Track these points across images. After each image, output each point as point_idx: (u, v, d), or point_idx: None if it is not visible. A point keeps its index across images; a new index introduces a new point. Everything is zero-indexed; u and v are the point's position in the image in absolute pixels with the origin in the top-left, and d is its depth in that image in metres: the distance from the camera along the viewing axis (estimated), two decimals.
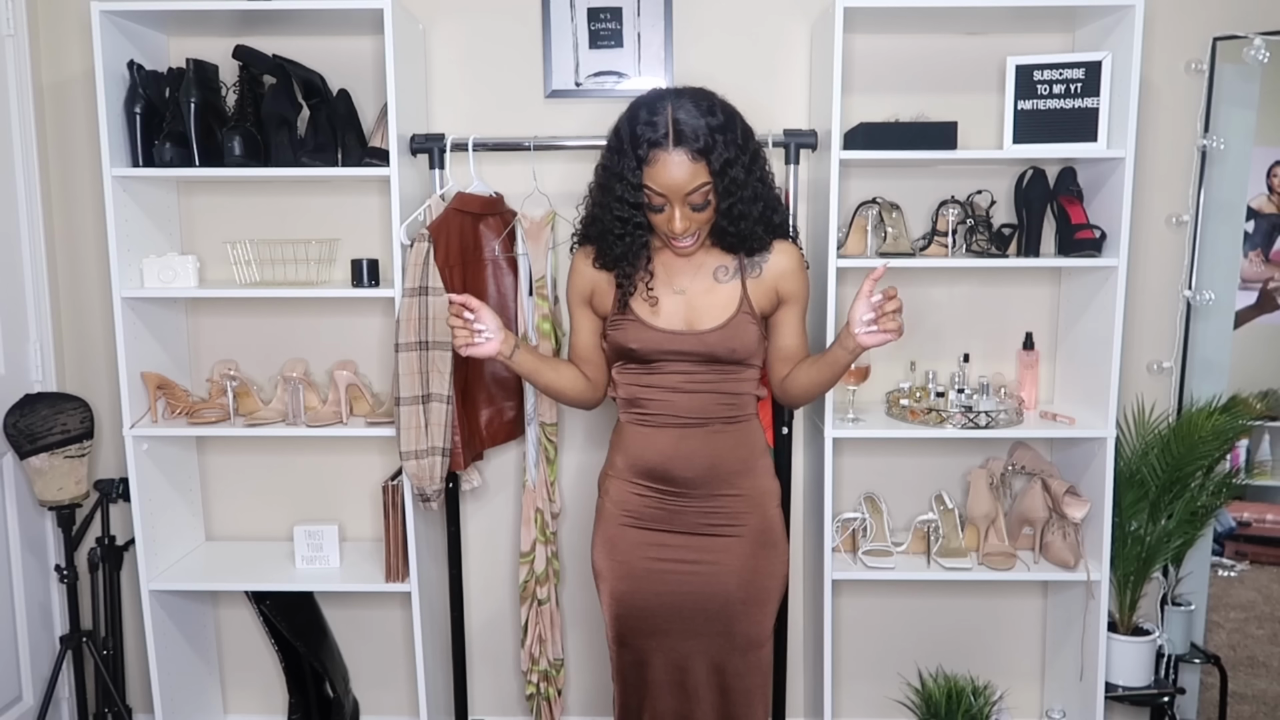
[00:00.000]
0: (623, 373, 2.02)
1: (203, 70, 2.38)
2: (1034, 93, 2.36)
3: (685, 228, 1.84)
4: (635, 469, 2.01)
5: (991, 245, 2.45)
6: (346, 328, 2.66)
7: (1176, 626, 2.61)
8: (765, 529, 2.01)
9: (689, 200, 1.82)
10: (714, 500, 1.99)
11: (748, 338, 1.93)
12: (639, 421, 2.01)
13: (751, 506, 2.00)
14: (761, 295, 1.96)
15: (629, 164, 1.82)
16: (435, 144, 2.38)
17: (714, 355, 1.93)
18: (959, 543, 2.51)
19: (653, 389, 1.97)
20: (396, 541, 2.44)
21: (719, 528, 1.99)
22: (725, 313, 1.93)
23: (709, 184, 1.81)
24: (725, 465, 1.98)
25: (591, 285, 2.02)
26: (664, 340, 1.94)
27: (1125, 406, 2.57)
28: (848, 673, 2.78)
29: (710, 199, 1.84)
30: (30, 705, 2.61)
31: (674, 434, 1.97)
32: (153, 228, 2.50)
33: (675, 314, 1.95)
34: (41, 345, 2.62)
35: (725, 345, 1.92)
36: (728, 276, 1.96)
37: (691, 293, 1.97)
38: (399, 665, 2.82)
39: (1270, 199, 2.61)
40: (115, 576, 2.62)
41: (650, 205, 1.84)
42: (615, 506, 2.04)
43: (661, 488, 2.00)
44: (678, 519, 2.00)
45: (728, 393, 1.96)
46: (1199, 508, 2.50)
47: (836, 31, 2.22)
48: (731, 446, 1.98)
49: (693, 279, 1.97)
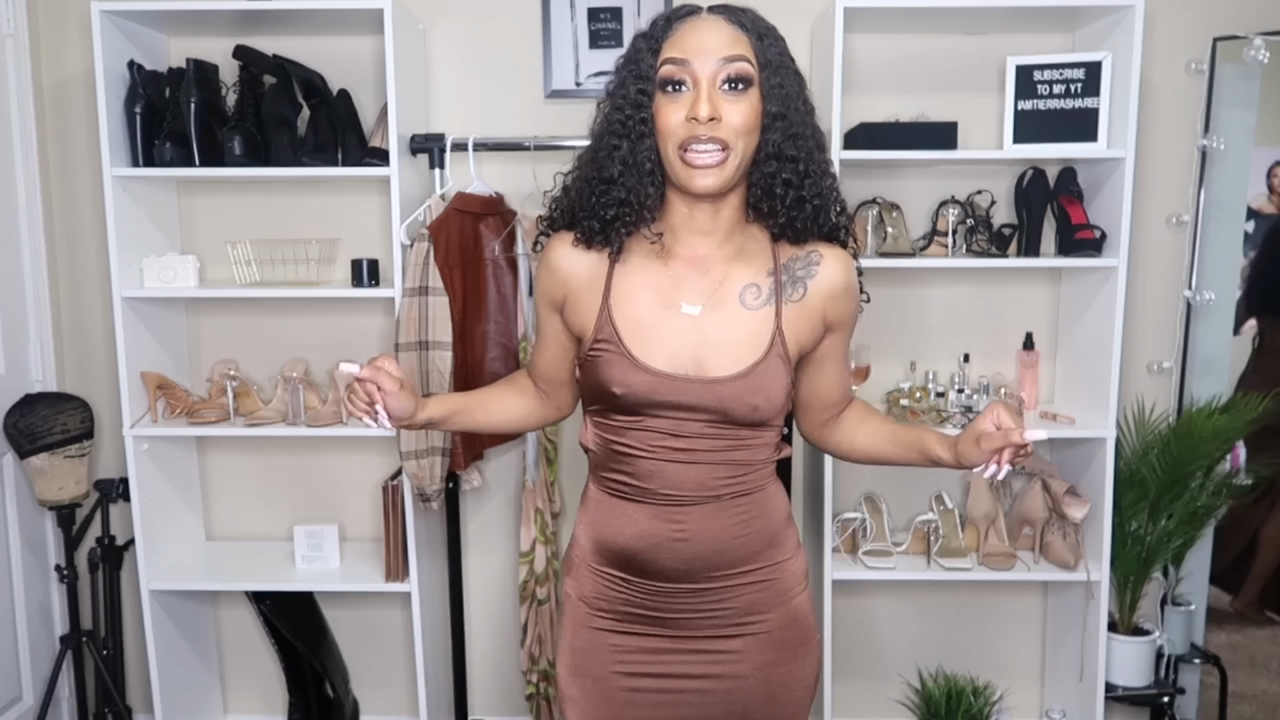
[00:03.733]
0: (597, 422, 1.44)
1: (203, 70, 2.38)
2: (1034, 93, 2.36)
3: (712, 112, 1.27)
4: (604, 555, 1.46)
5: (991, 245, 2.45)
6: (346, 328, 2.66)
7: (1176, 626, 2.61)
8: (792, 622, 1.47)
9: (724, 73, 1.29)
10: (719, 592, 1.44)
11: (775, 391, 1.37)
12: (613, 492, 1.44)
13: (773, 596, 1.46)
14: (803, 326, 1.40)
15: (644, 57, 1.33)
16: (435, 144, 2.38)
17: (728, 414, 1.36)
18: (959, 543, 2.51)
19: (636, 451, 1.40)
20: (396, 541, 2.44)
21: (728, 627, 1.45)
22: (751, 354, 1.36)
23: (753, 65, 1.30)
24: (733, 551, 1.43)
25: (565, 284, 1.45)
26: (660, 387, 1.36)
27: (1125, 406, 2.57)
28: (848, 673, 2.78)
29: (754, 94, 1.30)
30: (30, 705, 2.61)
31: (659, 513, 1.41)
32: (153, 228, 2.50)
33: (681, 349, 1.37)
34: (41, 345, 2.62)
35: (746, 401, 1.35)
36: (759, 301, 1.38)
37: (706, 317, 1.38)
38: (399, 665, 2.82)
39: (1270, 199, 2.61)
40: (115, 576, 2.62)
41: (669, 85, 1.30)
42: (583, 603, 1.49)
43: (641, 581, 1.45)
44: (669, 617, 1.45)
45: (739, 463, 1.41)
46: (1199, 508, 2.50)
47: (837, 31, 2.22)
48: (741, 526, 1.43)
49: (711, 295, 1.39)
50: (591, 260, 1.43)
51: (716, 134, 1.28)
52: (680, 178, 1.32)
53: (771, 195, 1.35)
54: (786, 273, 1.40)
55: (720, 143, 1.29)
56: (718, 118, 1.28)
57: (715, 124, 1.28)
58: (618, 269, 1.42)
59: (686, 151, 1.29)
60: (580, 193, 1.40)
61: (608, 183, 1.36)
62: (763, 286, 1.39)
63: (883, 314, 2.62)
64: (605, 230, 1.39)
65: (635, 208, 1.36)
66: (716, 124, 1.28)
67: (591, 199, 1.38)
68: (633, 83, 1.33)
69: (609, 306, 1.40)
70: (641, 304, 1.39)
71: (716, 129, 1.28)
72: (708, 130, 1.28)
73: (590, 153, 1.41)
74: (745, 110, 1.30)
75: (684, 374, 1.36)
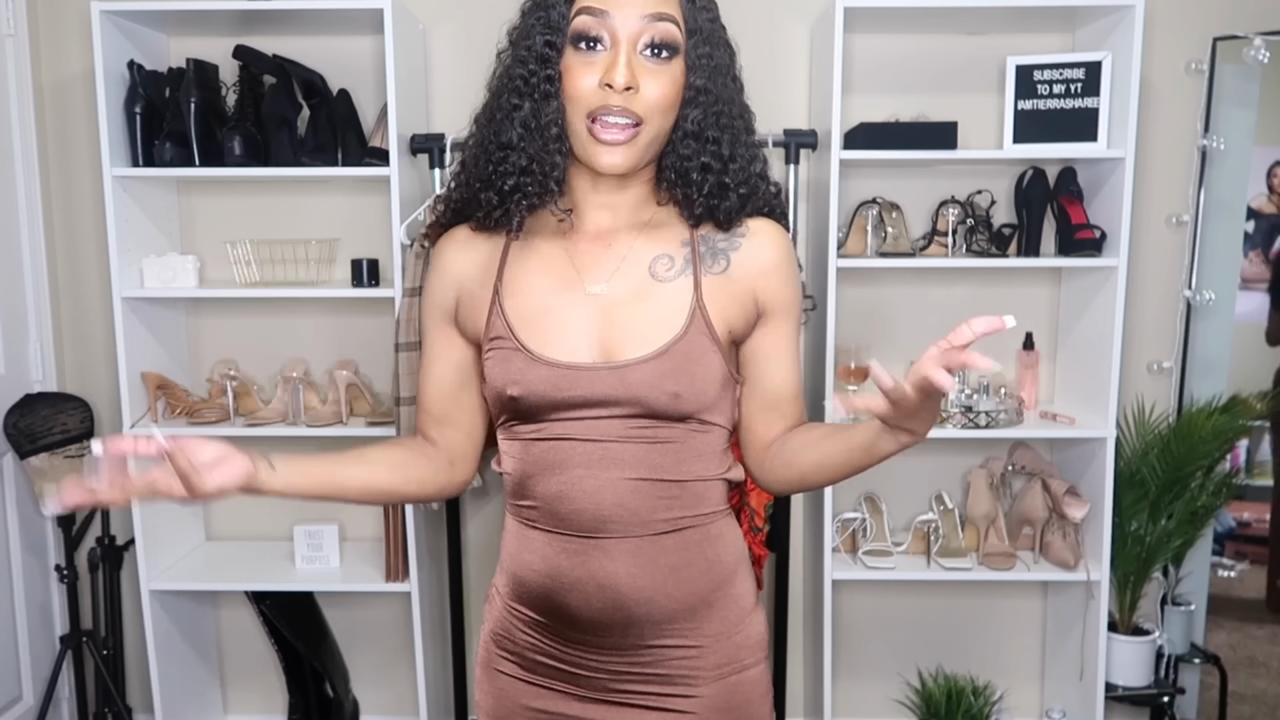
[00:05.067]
0: (504, 439, 1.22)
1: (203, 70, 2.38)
2: (1034, 93, 2.36)
3: (629, 81, 1.08)
4: (516, 592, 1.23)
5: (991, 245, 2.45)
6: (346, 328, 2.66)
7: (1176, 626, 2.61)
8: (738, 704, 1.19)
9: (648, 34, 1.10)
10: (644, 653, 1.17)
11: (702, 375, 1.13)
12: (524, 519, 1.20)
13: (713, 667, 1.18)
14: (729, 302, 1.16)
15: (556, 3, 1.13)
16: (435, 144, 2.38)
17: (645, 405, 1.12)
18: (959, 543, 2.51)
19: (544, 466, 1.16)
20: (396, 541, 2.44)
21: (655, 697, 1.18)
22: (664, 331, 1.13)
23: (680, 29, 1.12)
24: (662, 602, 1.15)
25: (457, 284, 1.23)
26: (561, 381, 1.13)
27: (1125, 406, 2.56)
28: (848, 673, 2.78)
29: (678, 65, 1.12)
30: (30, 705, 2.61)
31: (569, 546, 1.15)
32: (153, 228, 2.49)
33: (585, 335, 1.15)
34: (41, 345, 2.62)
35: (663, 388, 1.11)
36: (672, 271, 1.16)
37: (612, 296, 1.16)
38: (399, 665, 2.81)
39: (1270, 199, 2.61)
40: (115, 576, 2.62)
41: (583, 40, 1.10)
42: (490, 637, 1.29)
43: (554, 626, 1.20)
44: (584, 677, 1.19)
45: (671, 479, 1.15)
46: (1199, 508, 2.50)
47: (836, 31, 2.22)
48: (674, 571, 1.15)
49: (615, 272, 1.17)
50: (485, 251, 1.22)
51: (631, 106, 1.09)
52: (585, 152, 1.13)
53: (688, 180, 1.16)
54: (705, 244, 1.17)
55: (634, 116, 1.10)
56: (635, 88, 1.09)
57: (631, 95, 1.09)
58: (512, 253, 1.21)
59: (595, 122, 1.10)
60: (476, 161, 1.20)
61: (506, 148, 1.15)
62: (676, 257, 1.17)
63: (883, 314, 2.63)
64: (504, 204, 1.17)
65: (539, 178, 1.15)
66: (632, 95, 1.09)
67: (488, 168, 1.17)
68: (540, 32, 1.12)
69: (499, 296, 1.19)
70: (538, 289, 1.18)
71: (632, 100, 1.09)
72: (622, 101, 1.09)
73: (487, 113, 1.20)
74: (666, 84, 1.11)
75: (589, 363, 1.13)
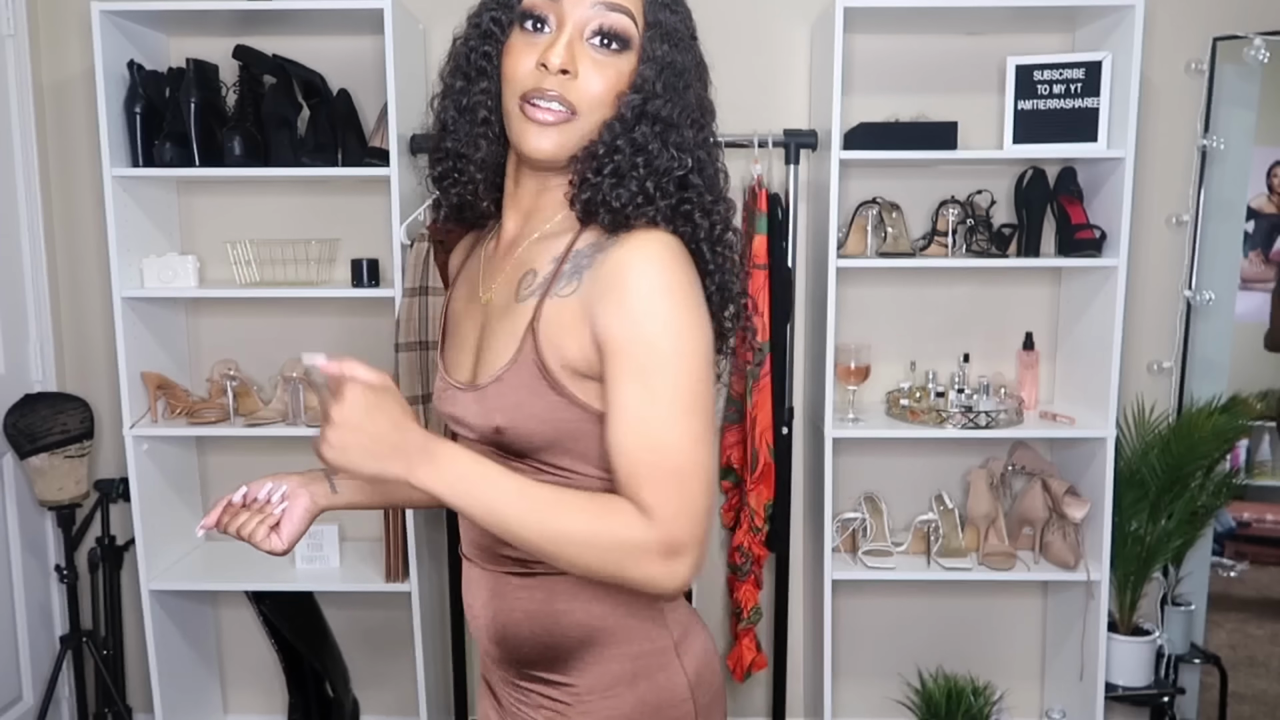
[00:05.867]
0: None
1: (203, 70, 2.38)
2: (1034, 93, 2.36)
3: (566, 64, 0.99)
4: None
5: (991, 245, 2.45)
6: (346, 328, 2.66)
7: (1176, 626, 2.61)
8: None
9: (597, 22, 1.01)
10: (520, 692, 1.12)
11: (521, 413, 1.02)
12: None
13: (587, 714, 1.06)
14: (562, 330, 1.00)
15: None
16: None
17: (482, 433, 1.06)
18: (959, 543, 2.51)
19: None
20: (396, 541, 2.44)
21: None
22: (504, 356, 1.04)
23: (635, 23, 1.02)
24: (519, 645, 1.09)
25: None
26: (443, 398, 1.13)
27: (1125, 406, 2.56)
28: (848, 673, 2.78)
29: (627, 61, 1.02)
30: (30, 705, 2.61)
31: (464, 572, 1.16)
32: (153, 228, 2.49)
33: (470, 349, 1.11)
34: (41, 345, 2.62)
35: (489, 419, 1.04)
36: (531, 289, 1.05)
37: (490, 309, 1.10)
38: (399, 665, 2.81)
39: (1270, 199, 2.61)
40: (115, 576, 2.62)
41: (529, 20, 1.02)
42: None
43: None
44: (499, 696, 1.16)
45: None
46: (1199, 508, 2.50)
47: (837, 32, 2.22)
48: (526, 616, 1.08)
49: (497, 283, 1.10)
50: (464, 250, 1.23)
51: (566, 93, 1.00)
52: (514, 133, 1.03)
53: (590, 157, 1.02)
54: (574, 260, 1.02)
55: (568, 105, 1.00)
56: (571, 71, 0.99)
57: (567, 80, 1.00)
58: (472, 255, 1.19)
59: (526, 104, 1.00)
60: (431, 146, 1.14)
61: (442, 131, 1.10)
62: (540, 272, 1.04)
63: (883, 314, 2.63)
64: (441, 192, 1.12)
65: (462, 163, 1.07)
66: (568, 80, 1.00)
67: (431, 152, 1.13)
68: (490, 9, 1.05)
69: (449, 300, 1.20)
70: (459, 296, 1.17)
71: (568, 87, 1.00)
72: (557, 86, 0.99)
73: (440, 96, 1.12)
74: (610, 76, 1.01)
75: (462, 381, 1.09)
